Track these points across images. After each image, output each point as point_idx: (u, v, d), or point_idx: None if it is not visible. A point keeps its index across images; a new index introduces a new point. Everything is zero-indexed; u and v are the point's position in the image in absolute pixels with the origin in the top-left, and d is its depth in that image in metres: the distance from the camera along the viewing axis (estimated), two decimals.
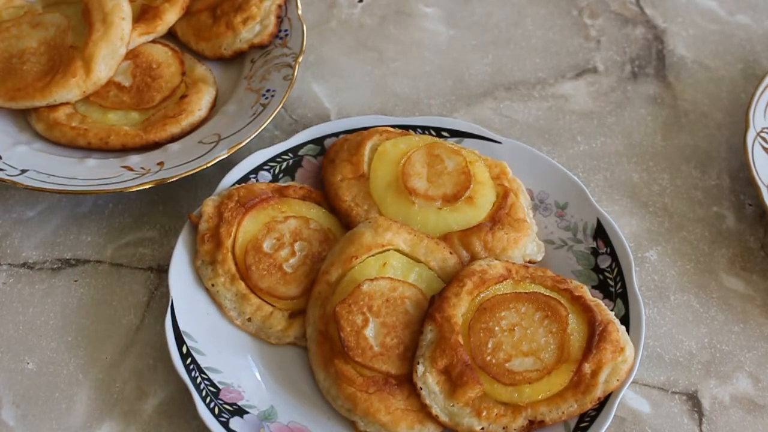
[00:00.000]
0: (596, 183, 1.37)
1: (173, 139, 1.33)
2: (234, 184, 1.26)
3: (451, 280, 1.16)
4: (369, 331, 1.12)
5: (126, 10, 1.36)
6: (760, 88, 1.38)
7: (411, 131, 1.32)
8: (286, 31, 1.42)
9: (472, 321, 1.12)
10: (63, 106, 1.34)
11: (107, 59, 1.33)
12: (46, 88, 1.31)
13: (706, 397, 1.18)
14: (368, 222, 1.20)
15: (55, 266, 1.27)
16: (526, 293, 1.14)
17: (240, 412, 1.11)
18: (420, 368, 1.10)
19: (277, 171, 1.29)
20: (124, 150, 1.32)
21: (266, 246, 1.21)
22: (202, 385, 1.11)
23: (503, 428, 1.08)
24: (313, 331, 1.16)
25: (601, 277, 1.21)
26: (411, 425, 1.10)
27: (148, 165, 1.28)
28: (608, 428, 1.12)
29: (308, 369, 1.17)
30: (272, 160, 1.30)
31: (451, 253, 1.19)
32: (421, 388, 1.10)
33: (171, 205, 1.33)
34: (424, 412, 1.10)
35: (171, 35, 1.45)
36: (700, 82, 1.50)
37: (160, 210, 1.33)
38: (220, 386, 1.12)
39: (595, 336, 1.10)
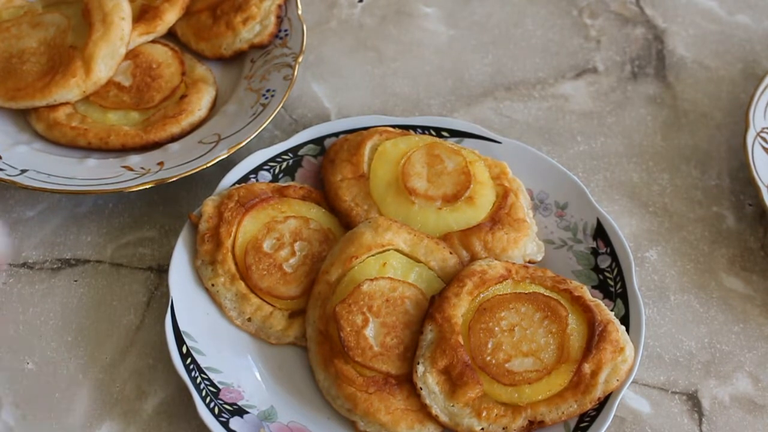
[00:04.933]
0: (596, 183, 1.37)
1: (173, 139, 1.33)
2: (234, 184, 1.26)
3: (451, 280, 1.16)
4: (369, 331, 1.12)
5: (126, 10, 1.36)
6: (760, 88, 1.38)
7: (411, 131, 1.32)
8: (286, 31, 1.42)
9: (472, 321, 1.12)
10: (63, 106, 1.34)
11: (107, 59, 1.33)
12: (46, 88, 1.31)
13: (706, 397, 1.18)
14: (368, 222, 1.20)
15: (55, 266, 1.27)
16: (525, 293, 1.14)
17: (240, 412, 1.11)
18: (420, 368, 1.10)
19: (277, 171, 1.29)
20: (124, 150, 1.32)
21: (266, 246, 1.21)
22: (202, 385, 1.11)
23: (503, 428, 1.08)
24: (313, 331, 1.16)
25: (601, 277, 1.21)
26: (411, 425, 1.10)
27: (148, 165, 1.28)
28: (608, 428, 1.12)
29: (308, 369, 1.17)
30: (272, 160, 1.30)
31: (451, 253, 1.19)
32: (421, 388, 1.10)
33: (171, 205, 1.33)
34: (424, 412, 1.10)
35: (171, 35, 1.45)
36: (700, 82, 1.50)
37: (160, 210, 1.33)
38: (220, 386, 1.12)
39: (594, 336, 1.10)
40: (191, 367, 1.12)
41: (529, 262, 1.22)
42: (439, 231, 1.21)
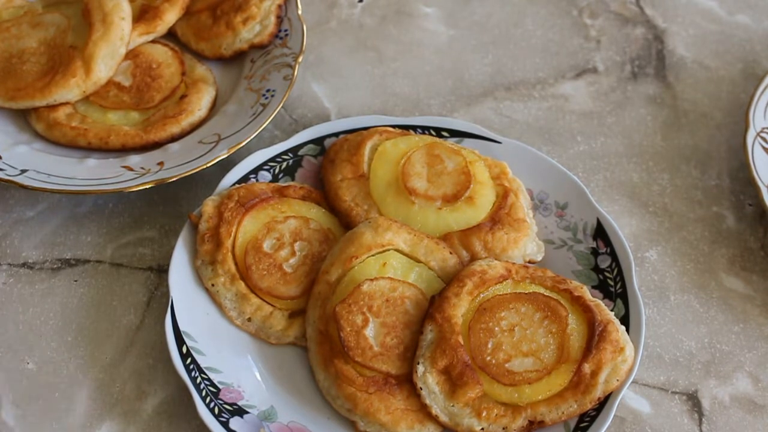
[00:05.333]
0: (596, 183, 1.37)
1: (173, 139, 1.33)
2: (234, 184, 1.26)
3: (451, 280, 1.16)
4: (369, 331, 1.12)
5: (126, 10, 1.36)
6: (760, 88, 1.38)
7: (411, 131, 1.32)
8: (286, 31, 1.42)
9: (472, 321, 1.12)
10: (63, 106, 1.33)
11: (107, 59, 1.33)
12: (46, 88, 1.31)
13: (706, 397, 1.19)
14: (368, 222, 1.20)
15: (55, 266, 1.27)
16: (525, 293, 1.14)
17: (240, 412, 1.11)
18: (420, 368, 1.10)
19: (277, 171, 1.29)
20: (124, 150, 1.32)
21: (266, 246, 1.21)
22: (202, 385, 1.11)
23: (503, 428, 1.08)
24: (313, 331, 1.16)
25: (601, 277, 1.21)
26: (411, 425, 1.10)
27: (148, 165, 1.28)
28: (608, 428, 1.12)
29: (308, 369, 1.17)
30: (272, 160, 1.30)
31: (451, 253, 1.19)
32: (421, 388, 1.10)
33: (171, 205, 1.33)
34: (424, 412, 1.10)
35: (171, 35, 1.45)
36: (700, 82, 1.50)
37: (160, 210, 1.33)
38: (220, 386, 1.12)
39: (594, 336, 1.10)
40: (191, 367, 1.12)
41: (529, 262, 1.22)
42: (439, 231, 1.21)
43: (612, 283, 1.20)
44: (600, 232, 1.23)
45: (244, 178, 1.28)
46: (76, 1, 1.39)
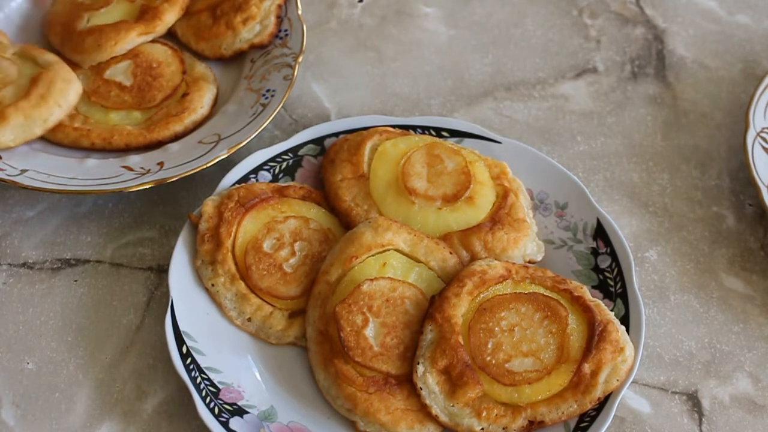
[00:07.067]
0: (596, 183, 1.37)
1: (176, 137, 1.33)
2: (234, 184, 1.27)
3: (451, 280, 1.16)
4: (369, 331, 1.12)
5: (68, 100, 1.30)
6: (760, 88, 1.38)
7: (411, 131, 1.32)
8: (286, 31, 1.42)
9: (472, 321, 1.12)
10: None
11: (17, 129, 1.27)
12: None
13: (706, 397, 1.19)
14: (368, 222, 1.20)
15: (55, 266, 1.27)
16: (525, 294, 1.14)
17: (240, 412, 1.11)
18: (420, 368, 1.10)
19: (277, 171, 1.29)
20: (128, 150, 1.32)
21: (266, 246, 1.21)
22: (202, 385, 1.11)
23: (503, 429, 1.08)
24: (313, 331, 1.16)
25: (601, 277, 1.21)
26: (411, 425, 1.10)
27: (148, 165, 1.28)
28: (608, 428, 1.12)
29: (308, 369, 1.17)
30: (272, 160, 1.30)
31: (451, 253, 1.19)
32: (421, 388, 1.10)
33: (171, 205, 1.33)
34: (424, 412, 1.10)
35: (171, 35, 1.45)
36: (700, 82, 1.50)
37: (160, 210, 1.33)
38: (220, 386, 1.12)
39: (594, 336, 1.10)
40: (191, 367, 1.12)
41: (529, 262, 1.22)
42: (439, 231, 1.21)
43: (612, 283, 1.20)
44: (600, 232, 1.23)
45: (244, 178, 1.28)
46: (42, 65, 1.32)
